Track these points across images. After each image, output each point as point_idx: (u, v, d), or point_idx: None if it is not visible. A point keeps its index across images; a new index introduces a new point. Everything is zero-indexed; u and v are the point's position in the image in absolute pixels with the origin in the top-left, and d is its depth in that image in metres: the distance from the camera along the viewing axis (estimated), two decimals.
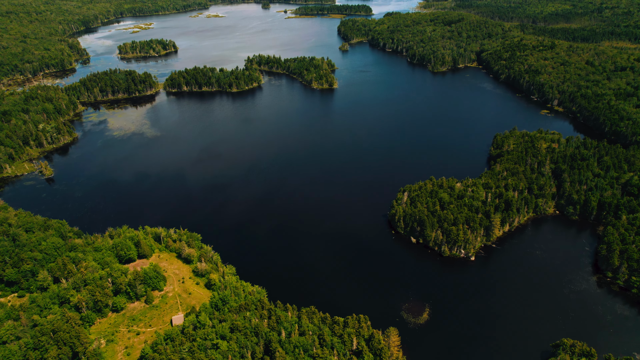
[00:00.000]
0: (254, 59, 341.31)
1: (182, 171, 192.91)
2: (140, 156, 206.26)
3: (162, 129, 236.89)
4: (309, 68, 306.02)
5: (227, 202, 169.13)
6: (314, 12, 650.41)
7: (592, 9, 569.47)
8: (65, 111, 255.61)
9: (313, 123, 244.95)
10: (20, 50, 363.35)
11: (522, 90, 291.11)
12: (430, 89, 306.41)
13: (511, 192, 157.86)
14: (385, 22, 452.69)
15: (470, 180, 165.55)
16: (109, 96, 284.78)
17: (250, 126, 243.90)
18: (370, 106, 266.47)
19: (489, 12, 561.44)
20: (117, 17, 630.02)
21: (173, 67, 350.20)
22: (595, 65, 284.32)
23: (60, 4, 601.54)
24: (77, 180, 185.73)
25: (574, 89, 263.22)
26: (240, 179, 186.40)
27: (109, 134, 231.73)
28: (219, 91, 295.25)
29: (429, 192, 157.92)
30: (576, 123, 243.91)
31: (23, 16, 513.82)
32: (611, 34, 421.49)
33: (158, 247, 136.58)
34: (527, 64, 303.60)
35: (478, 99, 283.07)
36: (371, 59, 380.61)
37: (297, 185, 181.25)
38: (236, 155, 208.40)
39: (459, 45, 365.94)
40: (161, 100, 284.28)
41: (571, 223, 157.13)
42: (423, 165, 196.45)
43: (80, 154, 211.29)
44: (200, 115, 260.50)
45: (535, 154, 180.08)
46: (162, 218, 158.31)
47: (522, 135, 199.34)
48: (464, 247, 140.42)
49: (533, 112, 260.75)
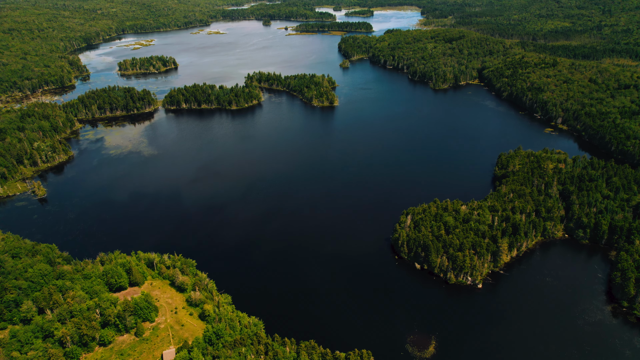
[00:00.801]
0: (254, 76, 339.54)
1: (179, 191, 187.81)
2: (136, 176, 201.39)
3: (159, 147, 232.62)
4: (309, 85, 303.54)
5: (224, 224, 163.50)
6: (315, 29, 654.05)
7: (591, 26, 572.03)
8: (62, 129, 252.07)
9: (313, 142, 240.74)
10: (20, 67, 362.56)
11: (525, 107, 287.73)
12: (432, 106, 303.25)
13: (518, 215, 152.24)
14: (385, 39, 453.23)
15: (475, 203, 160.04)
16: (107, 113, 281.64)
17: (250, 144, 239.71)
18: (371, 124, 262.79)
19: (489, 30, 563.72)
20: (119, 33, 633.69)
21: (173, 84, 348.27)
22: (598, 83, 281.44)
23: (63, 21, 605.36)
24: (70, 201, 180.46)
25: (578, 107, 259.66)
26: (238, 200, 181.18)
27: (105, 153, 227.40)
28: (218, 109, 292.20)
29: (433, 215, 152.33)
30: (581, 141, 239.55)
31: (25, 33, 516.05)
32: (612, 52, 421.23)
33: (151, 274, 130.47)
34: (529, 82, 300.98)
35: (481, 116, 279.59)
36: (372, 76, 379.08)
37: (297, 206, 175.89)
38: (235, 174, 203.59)
39: (460, 62, 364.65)
40: (160, 118, 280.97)
41: (581, 247, 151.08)
42: (426, 185, 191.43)
43: (75, 173, 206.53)
44: (198, 133, 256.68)
45: (541, 175, 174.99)
46: (157, 241, 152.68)
47: (527, 155, 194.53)
48: (470, 274, 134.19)
49: (537, 130, 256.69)
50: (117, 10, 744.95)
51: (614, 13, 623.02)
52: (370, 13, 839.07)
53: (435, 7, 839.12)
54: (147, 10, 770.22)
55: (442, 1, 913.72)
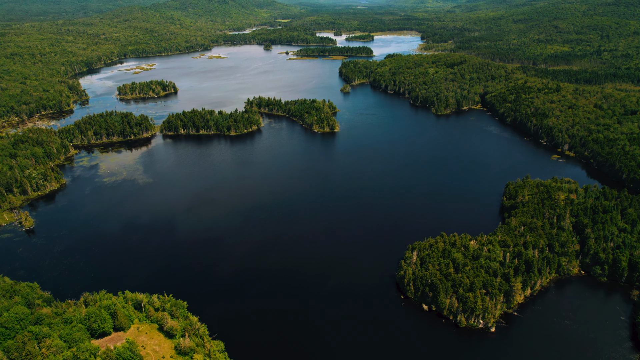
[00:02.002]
0: (254, 101, 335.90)
1: (173, 222, 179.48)
2: (129, 205, 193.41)
3: (154, 175, 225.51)
4: (309, 111, 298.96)
5: (219, 259, 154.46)
6: (316, 53, 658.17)
7: (590, 51, 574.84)
8: (56, 155, 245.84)
9: (314, 169, 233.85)
10: (19, 92, 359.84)
11: (529, 133, 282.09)
12: (435, 132, 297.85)
13: (531, 251, 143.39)
14: (386, 63, 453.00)
15: (485, 237, 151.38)
16: (103, 139, 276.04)
17: (248, 172, 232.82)
18: (373, 151, 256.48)
19: (489, 54, 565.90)
20: (121, 58, 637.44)
21: (172, 109, 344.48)
22: (604, 108, 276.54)
23: (66, 46, 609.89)
24: (58, 233, 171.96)
25: (585, 133, 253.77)
26: (235, 231, 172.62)
27: (99, 180, 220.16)
28: (216, 134, 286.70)
29: (440, 251, 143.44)
30: (589, 169, 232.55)
31: (27, 58, 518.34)
32: (613, 76, 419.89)
33: (138, 317, 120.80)
34: (533, 107, 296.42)
35: (485, 143, 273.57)
36: (373, 101, 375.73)
37: (296, 238, 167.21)
38: (232, 203, 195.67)
39: (462, 87, 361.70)
40: (157, 144, 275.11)
41: (599, 285, 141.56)
42: (431, 215, 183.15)
43: (65, 203, 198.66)
44: (196, 159, 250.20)
45: (553, 206, 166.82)
46: (147, 277, 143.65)
47: (536, 185, 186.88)
48: (482, 317, 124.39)
49: (543, 157, 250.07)
50: (120, 35, 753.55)
51: (612, 38, 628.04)
52: (370, 38, 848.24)
53: (435, 32, 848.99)
54: (150, 35, 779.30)
55: (441, 26, 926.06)
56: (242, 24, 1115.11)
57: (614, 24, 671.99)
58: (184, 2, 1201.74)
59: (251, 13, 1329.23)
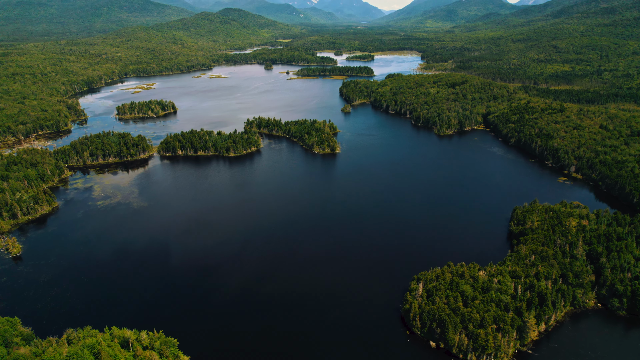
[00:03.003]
0: (253, 121, 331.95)
1: (167, 249, 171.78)
2: (122, 231, 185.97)
3: (150, 198, 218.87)
4: (310, 132, 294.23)
5: (214, 290, 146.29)
6: (316, 73, 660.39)
7: (591, 71, 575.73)
8: (50, 177, 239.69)
9: (314, 192, 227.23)
10: (17, 112, 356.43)
11: (534, 155, 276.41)
12: (438, 153, 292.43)
13: (543, 282, 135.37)
14: (387, 83, 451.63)
15: (494, 267, 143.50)
16: (99, 160, 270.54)
17: (246, 195, 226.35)
18: (374, 173, 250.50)
19: (490, 74, 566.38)
20: (122, 77, 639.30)
21: (171, 129, 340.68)
22: (610, 129, 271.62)
23: (67, 66, 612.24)
24: (46, 260, 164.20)
25: (592, 154, 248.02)
26: (232, 259, 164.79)
27: (92, 204, 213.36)
28: (215, 155, 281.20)
29: (448, 283, 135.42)
30: (598, 192, 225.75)
31: (28, 77, 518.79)
32: (616, 96, 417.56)
33: (124, 356, 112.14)
34: (537, 128, 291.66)
35: (489, 164, 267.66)
36: (374, 122, 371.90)
37: (296, 267, 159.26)
38: (230, 229, 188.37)
39: (464, 107, 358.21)
40: (154, 165, 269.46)
41: (618, 319, 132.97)
42: (436, 242, 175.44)
43: (56, 227, 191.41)
44: (193, 181, 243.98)
45: (564, 233, 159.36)
46: (137, 310, 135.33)
47: (545, 210, 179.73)
48: (494, 355, 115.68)
49: (550, 179, 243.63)
50: (122, 55, 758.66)
51: (612, 58, 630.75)
52: (371, 57, 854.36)
53: (435, 51, 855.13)
54: (151, 54, 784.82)
55: (441, 46, 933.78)
56: (244, 44, 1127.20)
57: (613, 44, 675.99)
58: (186, 22, 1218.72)
59: (252, 33, 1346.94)
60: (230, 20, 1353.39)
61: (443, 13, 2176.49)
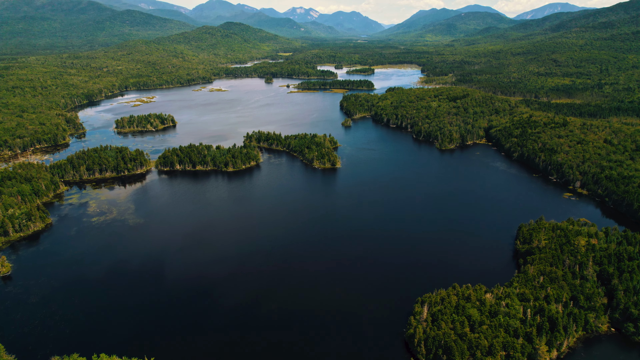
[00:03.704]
0: (253, 135, 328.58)
1: (161, 269, 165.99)
2: (115, 249, 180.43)
3: (146, 215, 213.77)
4: (310, 146, 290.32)
5: (210, 312, 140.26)
6: (317, 86, 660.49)
7: (591, 84, 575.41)
8: (45, 192, 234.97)
9: (314, 209, 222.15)
10: (15, 125, 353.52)
11: (538, 170, 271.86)
12: (440, 168, 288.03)
13: (554, 306, 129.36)
14: (388, 97, 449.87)
15: (501, 289, 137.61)
16: (96, 175, 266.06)
17: (245, 211, 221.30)
18: (375, 189, 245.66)
19: (491, 87, 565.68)
20: (122, 90, 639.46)
21: (169, 143, 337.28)
22: (614, 144, 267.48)
23: (68, 79, 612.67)
24: (36, 280, 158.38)
25: (597, 169, 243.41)
26: (229, 279, 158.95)
27: (87, 220, 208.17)
28: (214, 170, 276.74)
29: (453, 306, 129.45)
30: (605, 208, 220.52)
31: (28, 91, 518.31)
32: (618, 110, 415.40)
33: None
34: (540, 142, 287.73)
35: (492, 179, 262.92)
36: (375, 135, 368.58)
37: (295, 287, 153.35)
38: (227, 246, 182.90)
39: (465, 121, 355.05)
40: (151, 180, 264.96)
41: (633, 345, 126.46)
42: (439, 261, 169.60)
43: (48, 245, 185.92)
44: (191, 197, 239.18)
45: (573, 253, 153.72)
46: (127, 336, 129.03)
47: (552, 228, 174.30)
48: None
49: (554, 195, 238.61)
50: (123, 68, 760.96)
51: (612, 72, 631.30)
52: (371, 71, 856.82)
53: (435, 65, 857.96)
54: (152, 67, 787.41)
55: (441, 59, 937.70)
56: (244, 57, 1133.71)
57: (612, 58, 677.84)
58: (187, 36, 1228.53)
59: (253, 47, 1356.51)
60: (232, 34, 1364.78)
61: (442, 27, 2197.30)
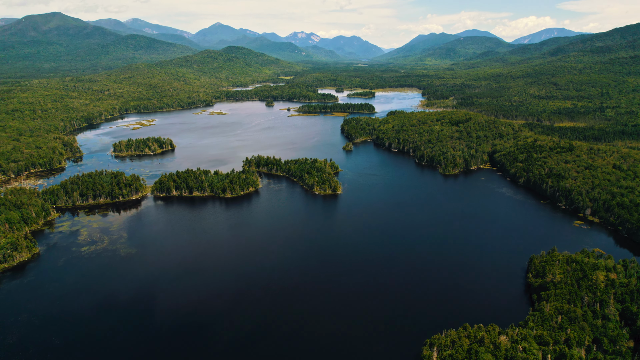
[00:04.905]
0: (252, 160, 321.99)
1: (152, 304, 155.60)
2: (104, 282, 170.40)
3: (139, 244, 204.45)
4: (310, 171, 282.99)
5: (202, 352, 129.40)
6: (317, 110, 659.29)
7: (593, 107, 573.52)
8: (35, 219, 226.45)
9: (313, 238, 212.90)
10: (10, 149, 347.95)
11: (546, 196, 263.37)
12: (444, 194, 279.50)
13: (576, 350, 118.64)
14: (389, 121, 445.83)
15: (517, 330, 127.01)
16: (89, 201, 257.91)
17: (242, 240, 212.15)
18: (378, 217, 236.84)
19: (492, 111, 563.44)
20: (122, 113, 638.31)
21: (167, 168, 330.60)
22: (623, 169, 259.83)
23: (68, 102, 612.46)
24: (16, 317, 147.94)
25: (608, 196, 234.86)
26: (224, 313, 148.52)
27: (76, 250, 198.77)
28: (211, 196, 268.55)
29: (465, 350, 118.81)
30: (618, 237, 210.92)
31: (28, 114, 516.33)
32: (622, 134, 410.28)
33: None
34: (547, 167, 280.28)
35: (499, 206, 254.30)
36: (377, 160, 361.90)
37: (293, 326, 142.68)
38: (223, 278, 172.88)
39: (469, 145, 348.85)
40: (147, 206, 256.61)
41: None
42: (447, 296, 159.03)
43: (33, 277, 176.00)
44: (187, 225, 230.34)
45: (592, 289, 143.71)
46: None
47: (566, 260, 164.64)
48: None
49: (564, 223, 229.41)
50: (124, 91, 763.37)
51: (613, 95, 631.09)
52: (372, 94, 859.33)
53: (435, 88, 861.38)
54: (153, 90, 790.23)
55: (442, 83, 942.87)
56: (246, 81, 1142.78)
57: (612, 82, 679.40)
58: (189, 59, 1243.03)
59: (255, 70, 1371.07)
60: (234, 57, 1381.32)
61: (442, 51, 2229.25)
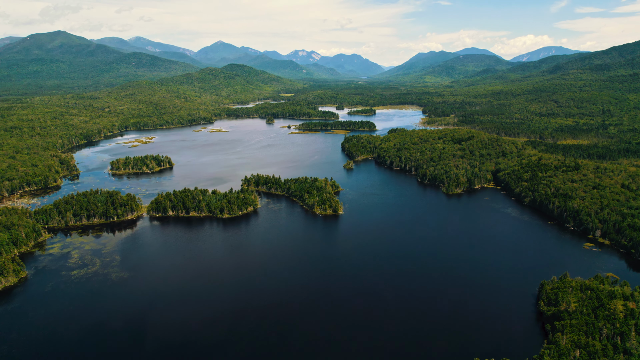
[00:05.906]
0: (251, 179, 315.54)
1: (142, 336, 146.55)
2: (93, 310, 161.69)
3: (132, 267, 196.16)
4: (310, 191, 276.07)
5: None
6: (318, 127, 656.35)
7: (595, 125, 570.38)
8: (25, 241, 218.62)
9: (313, 261, 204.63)
10: (5, 167, 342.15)
11: (553, 216, 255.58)
12: (448, 215, 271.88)
13: None
14: (390, 139, 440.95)
15: None
16: (83, 221, 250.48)
17: (239, 264, 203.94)
18: (380, 239, 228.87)
19: (494, 128, 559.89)
20: (122, 130, 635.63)
21: (164, 186, 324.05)
22: (632, 189, 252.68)
23: (68, 119, 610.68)
24: None
25: (618, 217, 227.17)
26: (219, 344, 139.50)
27: (66, 273, 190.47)
28: (208, 216, 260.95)
29: None
30: (631, 260, 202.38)
31: (26, 131, 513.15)
32: (627, 152, 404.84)
33: None
34: (553, 187, 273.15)
35: (504, 227, 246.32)
36: (378, 179, 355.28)
37: (291, 356, 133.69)
38: (218, 304, 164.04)
39: (472, 164, 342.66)
40: (142, 227, 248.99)
41: None
42: (453, 325, 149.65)
43: (17, 304, 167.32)
44: (182, 247, 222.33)
45: (610, 320, 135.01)
46: None
47: (580, 287, 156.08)
48: None
49: (573, 245, 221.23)
50: (124, 108, 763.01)
51: (614, 113, 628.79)
52: (372, 112, 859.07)
53: (436, 106, 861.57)
54: (154, 107, 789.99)
55: (442, 100, 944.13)
56: (246, 98, 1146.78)
57: (613, 99, 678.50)
58: (190, 77, 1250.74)
59: (256, 88, 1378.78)
60: (235, 75, 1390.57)
61: (441, 69, 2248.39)
